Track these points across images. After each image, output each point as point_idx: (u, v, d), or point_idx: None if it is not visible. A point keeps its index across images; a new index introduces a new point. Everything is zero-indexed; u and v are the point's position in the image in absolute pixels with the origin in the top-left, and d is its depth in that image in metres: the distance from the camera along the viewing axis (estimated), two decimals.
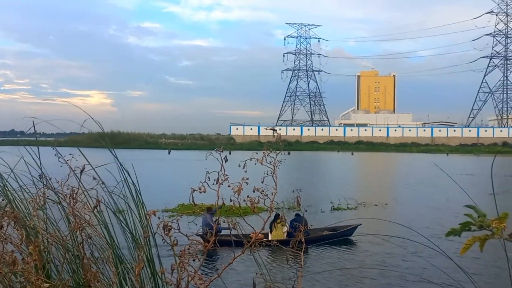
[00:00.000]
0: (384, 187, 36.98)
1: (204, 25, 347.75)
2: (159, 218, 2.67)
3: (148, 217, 2.98)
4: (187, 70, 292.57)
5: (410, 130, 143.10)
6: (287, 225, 17.70)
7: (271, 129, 3.26)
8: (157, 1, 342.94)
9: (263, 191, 3.05)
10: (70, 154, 3.25)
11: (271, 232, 17.97)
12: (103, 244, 3.11)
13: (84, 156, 3.29)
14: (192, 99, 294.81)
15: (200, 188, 2.57)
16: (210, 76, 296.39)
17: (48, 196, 3.36)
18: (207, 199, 2.95)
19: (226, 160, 2.79)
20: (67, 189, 3.14)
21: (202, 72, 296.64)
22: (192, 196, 2.57)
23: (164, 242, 2.58)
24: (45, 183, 3.45)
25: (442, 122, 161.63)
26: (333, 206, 25.96)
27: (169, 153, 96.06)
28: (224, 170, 2.72)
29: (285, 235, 17.74)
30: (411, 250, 16.84)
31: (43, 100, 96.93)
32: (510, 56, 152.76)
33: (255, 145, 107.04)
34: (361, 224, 18.20)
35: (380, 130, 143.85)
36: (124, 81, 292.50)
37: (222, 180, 2.69)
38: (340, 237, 17.95)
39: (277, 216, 18.14)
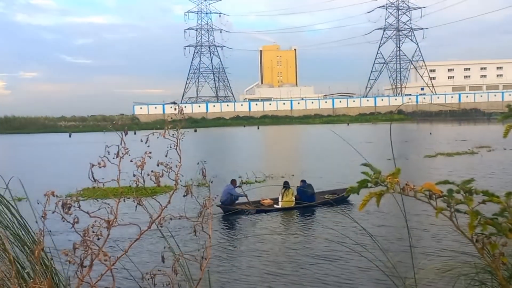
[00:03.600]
0: (290, 159, 37.99)
1: (99, 1, 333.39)
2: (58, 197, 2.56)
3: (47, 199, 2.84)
4: (85, 49, 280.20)
5: (312, 102, 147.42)
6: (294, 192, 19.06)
7: (171, 103, 3.22)
8: None
9: (167, 165, 3.01)
10: None
11: (282, 199, 18.83)
12: None
13: None
14: (92, 79, 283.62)
15: (99, 163, 2.48)
16: (109, 54, 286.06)
17: None
18: (121, 182, 2.87)
19: (126, 133, 2.71)
20: None
21: (100, 50, 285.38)
22: (91, 172, 2.48)
23: (64, 221, 2.47)
24: None
25: (342, 93, 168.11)
26: (242, 180, 26.29)
27: (70, 136, 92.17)
28: (125, 143, 2.65)
29: (293, 202, 18.85)
30: (318, 216, 17.52)
31: None
32: (401, 28, 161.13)
33: (160, 123, 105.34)
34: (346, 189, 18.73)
35: (284, 103, 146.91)
36: (15, 62, 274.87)
37: (122, 154, 2.62)
38: (341, 200, 19.02)
39: (286, 184, 19.16)
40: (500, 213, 2.09)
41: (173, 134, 3.15)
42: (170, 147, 3.04)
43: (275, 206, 18.95)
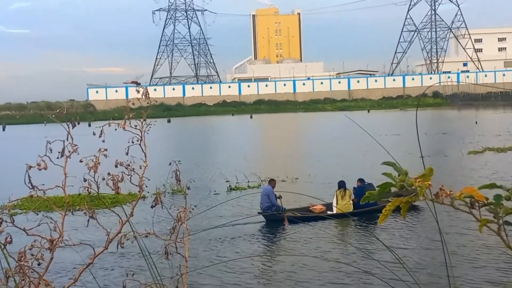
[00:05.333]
0: (294, 159, 38.03)
1: None
2: None
3: None
4: (22, 15, 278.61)
5: (322, 83, 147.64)
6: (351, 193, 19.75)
7: (132, 82, 3.20)
8: None
9: (129, 166, 2.99)
10: None
11: (337, 203, 19.34)
12: None
13: None
14: (31, 55, 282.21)
15: (39, 165, 2.48)
16: (54, 22, 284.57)
17: None
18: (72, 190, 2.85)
19: (74, 125, 2.70)
20: None
21: (42, 17, 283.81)
22: (28, 175, 2.47)
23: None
24: None
25: (360, 71, 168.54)
26: (230, 186, 26.31)
27: (3, 129, 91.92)
28: (72, 138, 2.63)
29: (351, 206, 19.38)
30: (330, 232, 17.62)
31: None
32: None
33: (122, 112, 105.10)
34: None
35: (285, 84, 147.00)
36: None
37: (69, 152, 2.61)
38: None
39: (341, 184, 19.65)
40: None
41: (136, 126, 3.13)
42: (133, 143, 3.02)
43: (329, 212, 19.46)
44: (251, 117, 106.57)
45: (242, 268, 14.09)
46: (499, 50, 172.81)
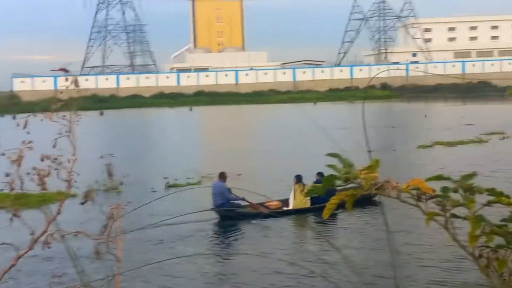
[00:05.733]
0: (236, 153, 38.05)
1: None
2: None
3: None
4: None
5: (266, 74, 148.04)
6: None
7: (60, 69, 3.16)
8: None
9: (56, 159, 2.94)
10: None
11: (294, 198, 19.33)
12: None
13: None
14: None
15: None
16: None
17: None
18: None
19: None
20: None
21: None
22: None
23: None
24: None
25: (306, 61, 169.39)
26: (168, 183, 26.17)
27: None
28: None
29: (308, 202, 19.25)
30: (276, 232, 17.73)
31: None
32: None
33: (50, 102, 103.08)
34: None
35: (226, 75, 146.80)
36: None
37: None
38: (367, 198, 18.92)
39: (299, 178, 18.77)
40: (511, 219, 2.16)
41: (64, 116, 3.08)
42: (60, 135, 2.98)
43: (285, 208, 19.57)
44: (190, 109, 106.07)
45: (179, 270, 14.04)
46: (448, 40, 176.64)
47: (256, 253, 15.25)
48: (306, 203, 19.43)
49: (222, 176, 20.28)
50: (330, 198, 2.87)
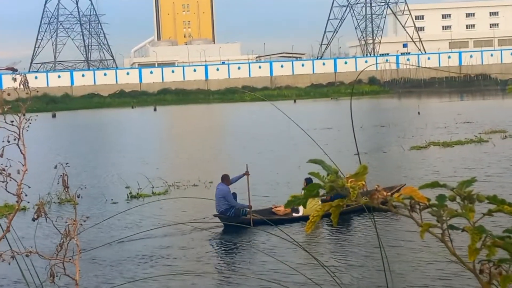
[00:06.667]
0: (208, 159, 38.01)
1: None
2: None
3: None
4: None
5: (239, 68, 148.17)
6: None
7: (7, 68, 3.14)
8: None
9: (4, 170, 2.94)
10: None
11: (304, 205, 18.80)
12: None
13: None
14: None
15: None
16: None
17: None
18: None
19: None
20: None
21: None
22: None
23: None
24: None
25: (284, 53, 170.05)
26: (130, 193, 26.07)
27: None
28: None
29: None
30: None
31: None
32: None
33: None
34: (405, 184, 18.76)
35: (195, 70, 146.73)
36: None
37: None
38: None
39: (309, 181, 18.86)
40: None
41: (12, 121, 3.08)
42: (8, 142, 2.97)
43: (294, 215, 19.71)
44: (155, 109, 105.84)
45: None
46: (443, 29, 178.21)
47: (243, 269, 15.29)
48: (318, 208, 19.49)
49: (225, 178, 20.51)
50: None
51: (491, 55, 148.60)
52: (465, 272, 2.20)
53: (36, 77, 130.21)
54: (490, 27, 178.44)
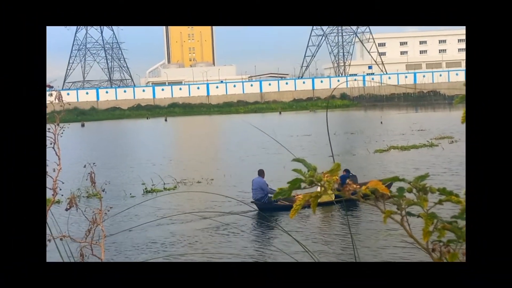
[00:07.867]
0: (209, 160, 37.99)
1: None
2: None
3: None
4: None
5: (235, 86, 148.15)
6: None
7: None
8: None
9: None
10: None
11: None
12: None
13: None
14: None
15: None
16: None
17: None
18: None
19: None
20: None
21: None
22: None
23: None
24: None
25: (271, 74, 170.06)
26: (145, 188, 26.07)
27: None
28: None
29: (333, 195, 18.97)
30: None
31: None
32: None
33: None
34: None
35: (198, 88, 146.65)
36: None
37: None
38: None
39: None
40: (460, 215, 2.19)
41: (49, 129, 3.08)
42: (46, 146, 2.96)
43: None
44: (165, 120, 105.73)
45: None
46: (401, 54, 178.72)
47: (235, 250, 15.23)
48: (332, 196, 19.42)
49: (261, 173, 20.78)
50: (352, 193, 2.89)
51: (440, 75, 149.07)
52: (420, 251, 2.22)
53: (68, 94, 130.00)
54: (439, 52, 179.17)
